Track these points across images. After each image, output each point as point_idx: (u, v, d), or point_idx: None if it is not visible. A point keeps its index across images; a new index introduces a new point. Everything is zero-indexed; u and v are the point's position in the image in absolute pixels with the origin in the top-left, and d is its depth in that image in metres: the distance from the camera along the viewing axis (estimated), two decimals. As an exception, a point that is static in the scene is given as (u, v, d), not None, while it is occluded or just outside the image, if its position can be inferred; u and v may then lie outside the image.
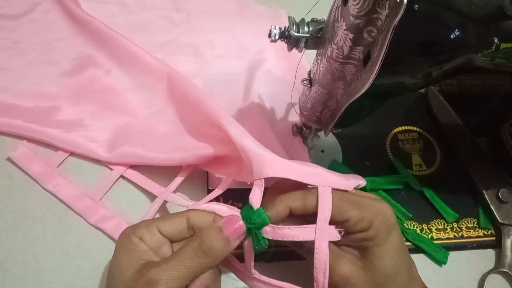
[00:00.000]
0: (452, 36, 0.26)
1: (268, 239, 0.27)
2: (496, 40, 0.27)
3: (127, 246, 0.27)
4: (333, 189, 0.28)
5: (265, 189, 0.28)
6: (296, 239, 0.27)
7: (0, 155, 0.40)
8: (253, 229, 0.27)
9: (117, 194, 0.40)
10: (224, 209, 0.29)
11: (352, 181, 0.29)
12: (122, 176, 0.40)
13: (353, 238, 0.27)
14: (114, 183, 0.40)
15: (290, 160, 0.29)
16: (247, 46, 0.52)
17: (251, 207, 0.27)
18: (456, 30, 0.26)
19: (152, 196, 0.39)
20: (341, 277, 0.27)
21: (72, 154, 0.41)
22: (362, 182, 0.31)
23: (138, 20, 0.52)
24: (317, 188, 0.28)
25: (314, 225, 0.27)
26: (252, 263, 0.28)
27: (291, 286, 0.28)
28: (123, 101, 0.44)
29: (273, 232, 0.27)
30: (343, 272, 0.27)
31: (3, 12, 0.49)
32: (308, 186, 0.28)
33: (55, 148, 0.41)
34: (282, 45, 0.32)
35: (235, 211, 0.28)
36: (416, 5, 0.24)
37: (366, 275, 0.27)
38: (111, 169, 0.40)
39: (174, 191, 0.39)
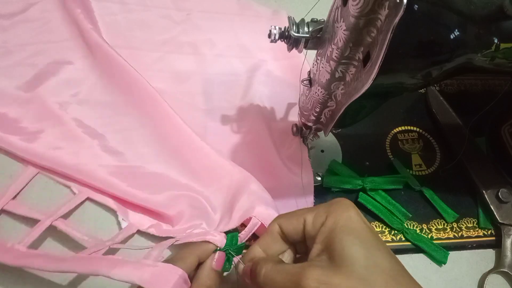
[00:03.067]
0: (452, 36, 0.26)
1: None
2: (496, 40, 0.27)
3: None
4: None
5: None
6: None
7: (1, 155, 0.40)
8: (231, 255, 0.31)
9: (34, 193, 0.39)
10: (218, 239, 0.31)
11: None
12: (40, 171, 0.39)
13: (319, 239, 0.25)
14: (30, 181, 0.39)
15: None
16: (246, 46, 0.52)
17: (237, 237, 0.32)
18: (456, 30, 0.26)
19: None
20: (317, 281, 0.23)
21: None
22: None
23: (138, 19, 0.52)
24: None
25: None
26: None
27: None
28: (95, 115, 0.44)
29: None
30: (317, 278, 0.23)
31: None
32: None
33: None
34: (281, 45, 0.32)
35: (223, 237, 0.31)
36: (416, 5, 0.24)
37: (341, 274, 0.22)
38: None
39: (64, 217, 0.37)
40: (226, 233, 0.32)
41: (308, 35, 0.30)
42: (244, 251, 0.31)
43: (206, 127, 0.45)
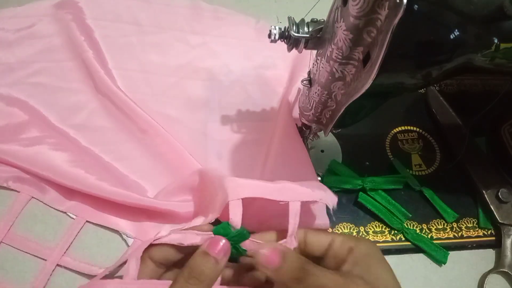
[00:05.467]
0: (451, 36, 0.26)
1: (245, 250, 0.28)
2: (496, 40, 0.27)
3: None
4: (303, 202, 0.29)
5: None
6: None
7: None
8: (232, 244, 0.27)
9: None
10: (191, 236, 0.28)
11: (317, 192, 0.30)
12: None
13: (350, 261, 0.27)
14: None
15: (259, 181, 0.30)
16: (263, 71, 0.51)
17: (229, 226, 0.27)
18: (456, 30, 0.26)
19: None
20: None
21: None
22: (328, 196, 0.31)
23: (153, 41, 0.51)
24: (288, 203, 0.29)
25: (285, 240, 0.28)
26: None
27: None
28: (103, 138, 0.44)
29: (251, 244, 0.28)
30: None
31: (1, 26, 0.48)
32: (280, 203, 0.29)
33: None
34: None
35: (205, 235, 0.28)
36: (416, 5, 0.24)
37: None
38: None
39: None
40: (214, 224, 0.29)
41: (308, 35, 0.30)
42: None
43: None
